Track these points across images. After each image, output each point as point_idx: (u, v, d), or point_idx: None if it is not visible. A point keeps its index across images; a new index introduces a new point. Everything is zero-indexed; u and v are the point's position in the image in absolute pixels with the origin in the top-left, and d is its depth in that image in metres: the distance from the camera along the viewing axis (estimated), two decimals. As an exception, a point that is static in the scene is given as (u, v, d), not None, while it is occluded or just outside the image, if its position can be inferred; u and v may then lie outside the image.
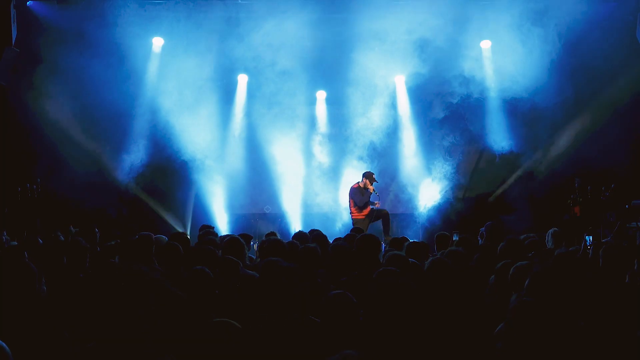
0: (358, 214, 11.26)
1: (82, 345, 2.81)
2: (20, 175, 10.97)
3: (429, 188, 12.59)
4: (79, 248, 5.21)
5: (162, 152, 12.21)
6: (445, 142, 12.52)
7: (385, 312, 3.31)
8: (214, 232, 7.28)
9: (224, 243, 5.53)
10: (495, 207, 12.22)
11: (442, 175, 12.47)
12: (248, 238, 7.06)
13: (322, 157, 12.86)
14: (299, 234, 6.67)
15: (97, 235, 7.42)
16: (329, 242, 6.50)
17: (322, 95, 13.11)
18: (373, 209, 11.24)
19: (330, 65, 12.27)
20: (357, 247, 5.08)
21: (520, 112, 12.04)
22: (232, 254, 4.91)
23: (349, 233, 7.43)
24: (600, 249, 4.98)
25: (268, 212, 12.96)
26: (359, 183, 11.38)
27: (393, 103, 12.69)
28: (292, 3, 11.30)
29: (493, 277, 4.60)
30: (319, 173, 12.83)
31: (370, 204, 11.28)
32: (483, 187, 12.82)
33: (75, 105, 11.27)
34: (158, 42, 12.18)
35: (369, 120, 12.37)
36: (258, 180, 12.88)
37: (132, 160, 12.12)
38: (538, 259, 5.31)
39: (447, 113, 12.37)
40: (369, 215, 11.24)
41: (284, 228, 12.18)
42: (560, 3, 11.30)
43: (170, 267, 5.01)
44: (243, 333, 3.37)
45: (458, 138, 12.54)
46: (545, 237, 6.93)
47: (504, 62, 11.94)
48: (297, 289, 3.52)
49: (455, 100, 12.17)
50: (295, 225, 12.34)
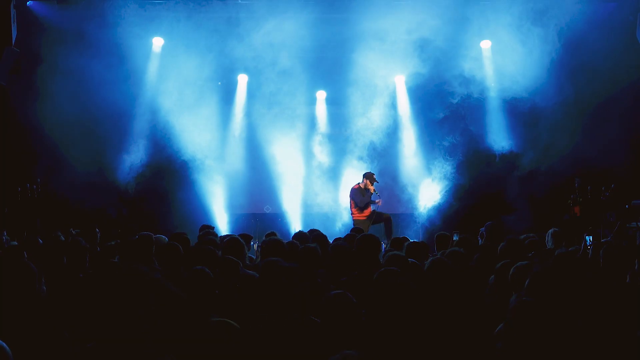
0: (359, 215, 11.26)
1: (82, 345, 2.80)
2: (20, 176, 10.97)
3: (429, 188, 12.59)
4: (79, 248, 5.22)
5: (162, 152, 12.22)
6: (445, 142, 12.51)
7: (386, 312, 3.31)
8: (214, 232, 7.29)
9: (224, 243, 5.53)
10: (496, 207, 12.21)
11: (442, 175, 12.47)
12: (248, 238, 7.06)
13: (322, 157, 12.87)
14: (299, 234, 6.66)
15: (97, 235, 7.42)
16: (329, 242, 6.50)
17: (322, 95, 13.13)
18: (374, 210, 11.24)
19: (330, 65, 12.29)
20: (357, 247, 5.07)
21: (520, 112, 12.05)
22: (232, 254, 4.91)
23: (349, 233, 7.43)
24: (601, 249, 4.98)
25: (268, 212, 12.97)
26: (360, 184, 11.38)
27: (393, 103, 12.70)
28: (292, 3, 11.30)
29: (493, 277, 4.60)
30: (319, 173, 12.84)
31: (372, 203, 11.28)
32: (483, 187, 12.80)
33: (76, 106, 11.24)
34: (158, 42, 12.19)
35: (369, 120, 12.38)
36: (258, 180, 12.89)
37: (132, 160, 12.12)
38: (538, 259, 5.30)
39: (447, 113, 12.35)
40: (370, 217, 11.24)
41: (284, 228, 12.19)
42: (560, 3, 11.30)
43: (170, 267, 5.00)
44: (243, 333, 3.37)
45: (458, 138, 12.52)
46: (545, 237, 6.92)
47: (504, 62, 11.94)
48: (297, 289, 3.52)
49: (455, 100, 12.15)
50: (295, 225, 12.34)
